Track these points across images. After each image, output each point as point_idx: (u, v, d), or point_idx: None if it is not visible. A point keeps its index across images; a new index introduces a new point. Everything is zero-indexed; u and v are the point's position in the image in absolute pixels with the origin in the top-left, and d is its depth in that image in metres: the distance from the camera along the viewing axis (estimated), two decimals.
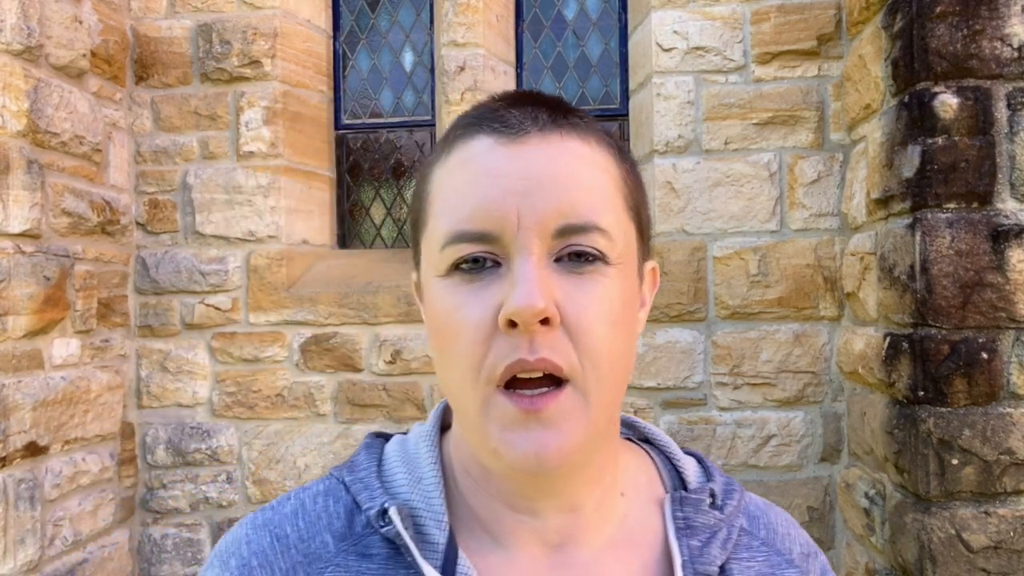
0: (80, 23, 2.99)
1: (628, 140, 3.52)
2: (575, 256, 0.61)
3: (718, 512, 0.70)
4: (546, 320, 0.58)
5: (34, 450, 2.70)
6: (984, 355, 2.24)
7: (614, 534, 0.68)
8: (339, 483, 0.70)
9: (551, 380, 0.59)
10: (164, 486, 3.34)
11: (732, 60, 3.13)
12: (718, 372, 3.13)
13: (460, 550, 0.63)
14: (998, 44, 2.27)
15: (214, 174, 3.35)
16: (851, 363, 2.89)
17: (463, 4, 3.41)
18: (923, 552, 2.25)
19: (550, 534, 0.66)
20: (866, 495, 2.73)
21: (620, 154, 0.68)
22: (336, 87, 3.70)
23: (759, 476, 3.10)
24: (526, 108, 0.64)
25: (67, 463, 2.89)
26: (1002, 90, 2.27)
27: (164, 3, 3.37)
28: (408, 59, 3.70)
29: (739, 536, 0.70)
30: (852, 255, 2.91)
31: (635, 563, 0.67)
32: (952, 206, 2.28)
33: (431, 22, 3.65)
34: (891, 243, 2.48)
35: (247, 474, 3.33)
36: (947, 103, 2.28)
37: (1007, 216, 2.26)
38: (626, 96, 3.54)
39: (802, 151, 3.11)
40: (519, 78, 3.64)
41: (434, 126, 3.65)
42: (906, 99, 2.38)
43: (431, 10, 3.65)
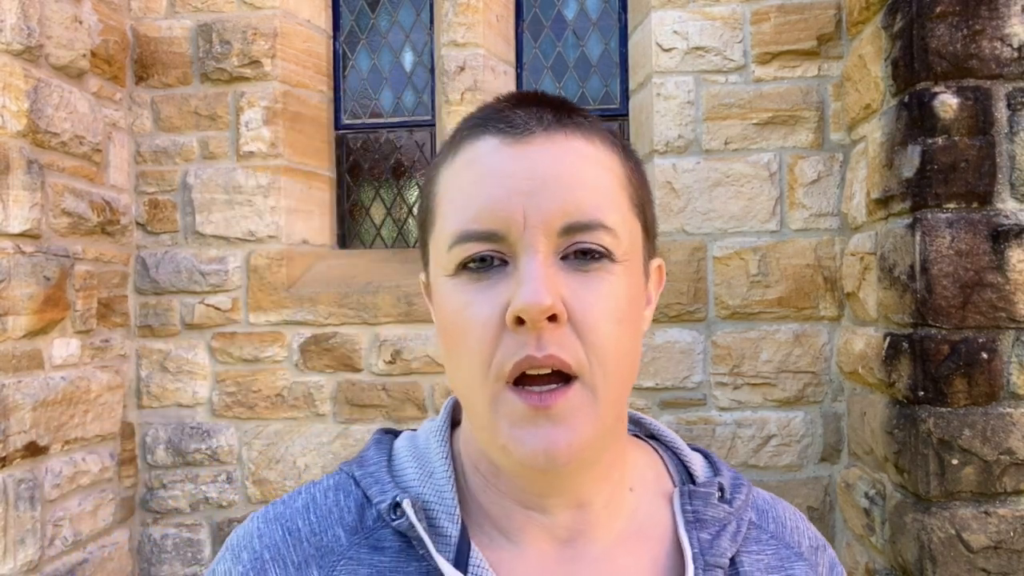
0: (80, 23, 2.99)
1: (628, 140, 3.52)
2: (581, 254, 0.61)
3: (727, 505, 0.70)
4: (553, 317, 0.58)
5: (34, 450, 2.70)
6: (984, 355, 2.24)
7: (624, 529, 0.68)
8: (349, 478, 0.70)
9: (559, 377, 0.60)
10: (164, 486, 3.34)
11: (732, 60, 3.13)
12: (718, 372, 3.12)
13: (473, 543, 0.64)
14: (998, 44, 2.27)
15: (214, 174, 3.35)
16: (851, 363, 2.89)
17: (463, 4, 3.41)
18: (923, 552, 2.25)
19: (560, 530, 0.67)
20: (866, 495, 2.73)
21: (624, 153, 0.68)
22: (336, 87, 3.70)
23: (759, 476, 3.10)
24: (531, 108, 0.65)
25: (67, 463, 2.89)
26: (1002, 90, 2.27)
27: (164, 3, 3.37)
28: (408, 59, 3.70)
29: (748, 529, 0.71)
30: (852, 255, 2.91)
31: (646, 557, 0.68)
32: (952, 206, 2.28)
33: (431, 22, 3.65)
34: (891, 243, 2.48)
35: (247, 474, 3.33)
36: (947, 103, 2.28)
37: (1007, 216, 2.26)
38: (626, 96, 3.54)
39: (802, 151, 3.11)
40: (519, 78, 3.64)
41: (434, 126, 3.65)
42: (906, 99, 2.38)
43: (431, 10, 3.65)
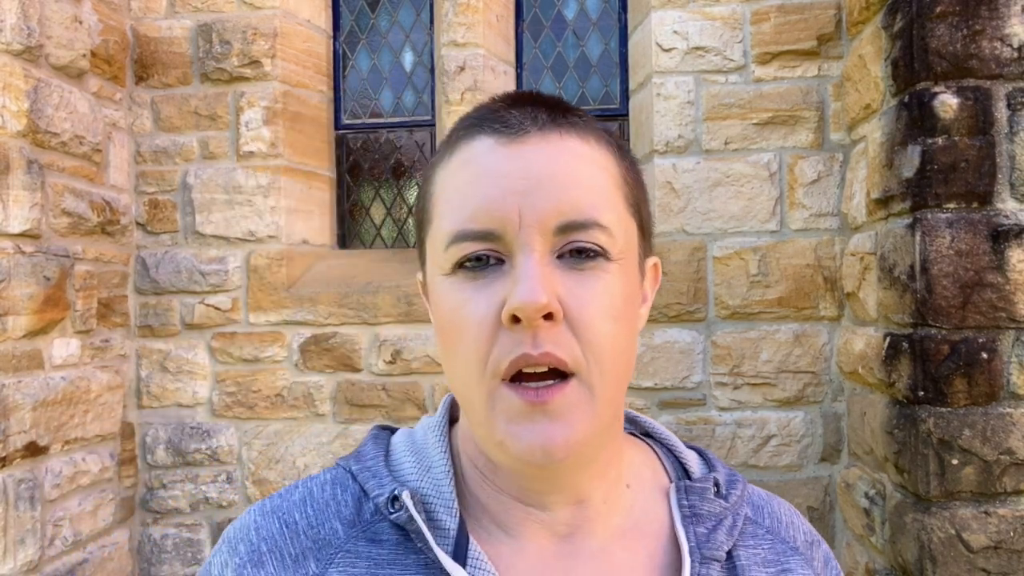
0: (80, 23, 2.99)
1: (628, 140, 3.52)
2: (576, 252, 0.61)
3: (723, 500, 0.71)
4: (549, 315, 0.59)
5: (34, 450, 2.70)
6: (984, 355, 2.24)
7: (621, 524, 0.69)
8: (346, 472, 0.71)
9: (555, 375, 0.60)
10: (164, 486, 3.34)
11: (732, 60, 3.13)
12: (718, 372, 3.12)
13: (471, 537, 0.64)
14: (998, 44, 2.27)
15: (214, 174, 3.35)
16: (851, 363, 2.89)
17: (463, 4, 3.41)
18: (923, 552, 2.25)
19: (558, 526, 0.67)
20: (866, 495, 2.73)
21: (620, 152, 0.68)
22: (336, 87, 3.70)
23: (759, 476, 3.10)
24: (526, 108, 0.65)
25: (67, 463, 2.89)
26: (1002, 90, 2.27)
27: (164, 3, 3.37)
28: (408, 59, 3.70)
29: (744, 524, 0.71)
30: (852, 255, 2.91)
31: (643, 551, 0.68)
32: (952, 206, 2.28)
33: (431, 22, 3.65)
34: (891, 243, 2.48)
35: (247, 474, 3.33)
36: (947, 103, 2.28)
37: (1007, 216, 2.26)
38: (626, 96, 3.54)
39: (802, 151, 3.11)
40: (519, 78, 3.64)
41: (434, 126, 3.65)
42: (906, 99, 2.38)
43: (431, 10, 3.65)
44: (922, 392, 2.28)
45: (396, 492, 0.65)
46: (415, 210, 0.73)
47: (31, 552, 2.67)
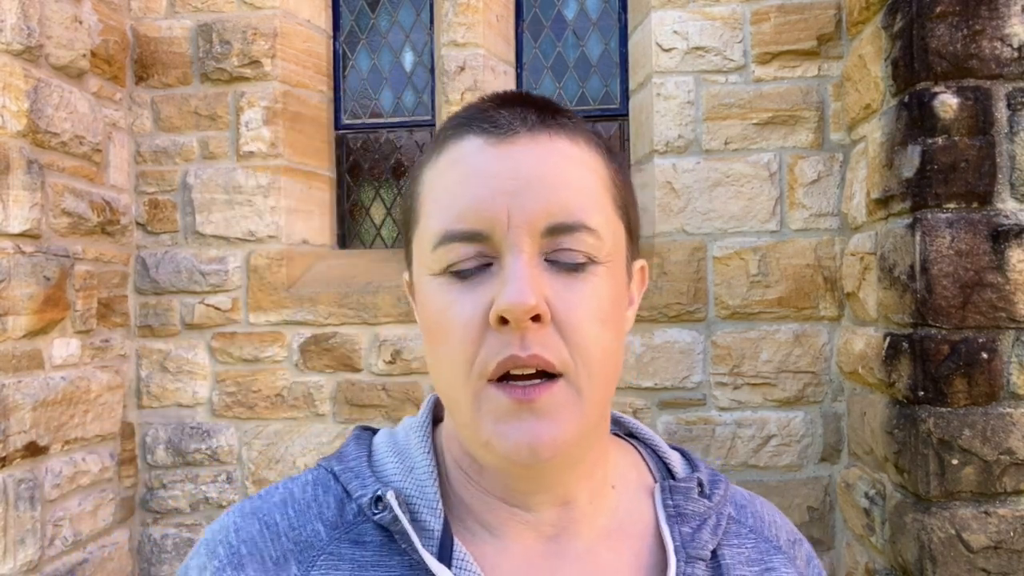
0: (80, 23, 2.99)
1: (628, 140, 3.52)
2: (565, 254, 0.61)
3: (707, 500, 0.71)
4: (537, 317, 0.58)
5: (34, 450, 2.70)
6: (984, 355, 2.24)
7: (607, 525, 0.69)
8: (328, 473, 0.70)
9: (543, 376, 0.60)
10: (164, 486, 3.34)
11: (732, 60, 3.13)
12: (718, 372, 3.12)
13: (456, 537, 0.64)
14: (998, 44, 2.27)
15: (214, 174, 3.35)
16: (851, 363, 2.89)
17: (463, 4, 3.41)
18: (923, 552, 2.25)
19: (544, 526, 0.67)
20: (866, 495, 2.73)
21: (608, 154, 0.68)
22: (336, 87, 3.70)
23: (759, 476, 3.10)
24: (515, 109, 0.65)
25: (67, 463, 2.89)
26: (1002, 90, 2.27)
27: (164, 3, 3.37)
28: (408, 59, 3.70)
29: (728, 524, 0.72)
30: (852, 255, 2.91)
31: (628, 551, 0.68)
32: (952, 206, 2.28)
33: (431, 22, 3.65)
34: (891, 243, 2.48)
35: (247, 474, 3.33)
36: (947, 103, 2.28)
37: (1007, 216, 2.26)
38: (626, 96, 3.54)
39: (802, 151, 3.11)
40: (519, 78, 3.63)
41: (434, 126, 3.65)
42: (906, 99, 2.38)
43: (431, 10, 3.65)
44: (922, 392, 2.28)
45: (379, 493, 0.64)
46: (402, 209, 0.72)
47: (31, 552, 2.67)
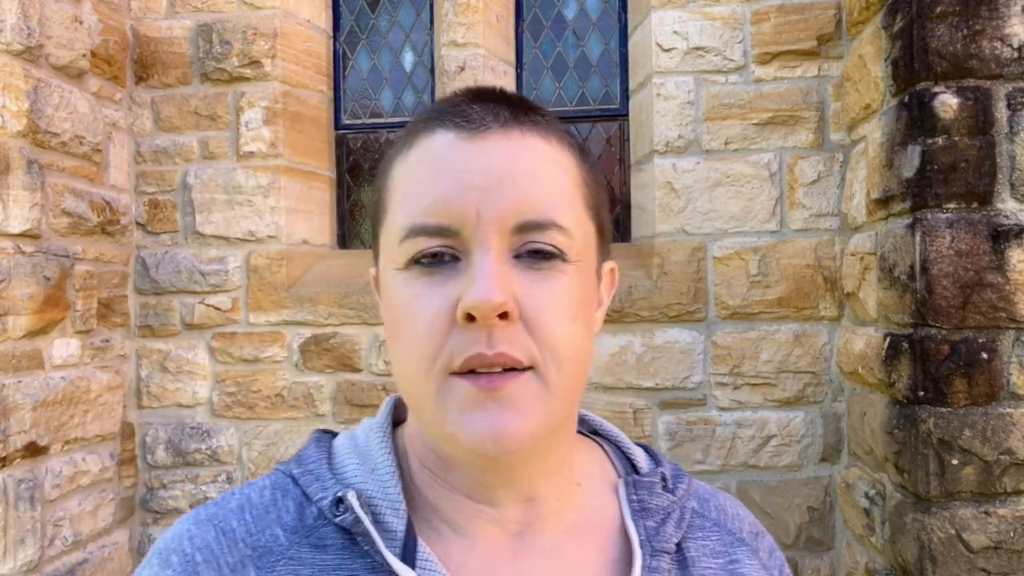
0: (80, 23, 2.99)
1: (628, 140, 3.52)
2: (534, 253, 0.61)
3: (670, 494, 0.72)
4: (505, 315, 0.58)
5: (34, 450, 2.70)
6: (984, 355, 2.24)
7: (573, 521, 0.69)
8: (287, 477, 0.68)
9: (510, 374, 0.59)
10: (164, 486, 3.34)
11: (732, 60, 3.13)
12: (718, 372, 3.12)
13: (419, 538, 0.63)
14: (998, 44, 2.27)
15: (214, 174, 3.35)
16: (851, 363, 2.89)
17: (463, 4, 3.41)
18: (923, 552, 2.25)
19: (510, 523, 0.66)
20: (866, 495, 2.73)
21: (581, 154, 0.68)
22: (336, 87, 3.70)
23: (759, 476, 3.10)
24: (488, 104, 0.64)
25: (67, 463, 2.89)
26: (1002, 90, 2.27)
27: (164, 3, 3.37)
28: (408, 59, 3.70)
29: (692, 517, 0.72)
30: (852, 255, 2.91)
31: (595, 546, 0.68)
32: (952, 206, 2.28)
33: (431, 22, 3.65)
34: (891, 243, 2.48)
35: (247, 474, 3.33)
36: (947, 103, 2.28)
37: (1007, 216, 2.26)
38: (626, 96, 3.54)
39: (802, 151, 3.11)
40: (519, 78, 3.63)
41: None
42: (906, 99, 2.38)
43: (431, 10, 3.65)
44: (922, 392, 2.28)
45: (340, 494, 0.63)
46: (370, 203, 0.71)
47: (31, 552, 2.67)
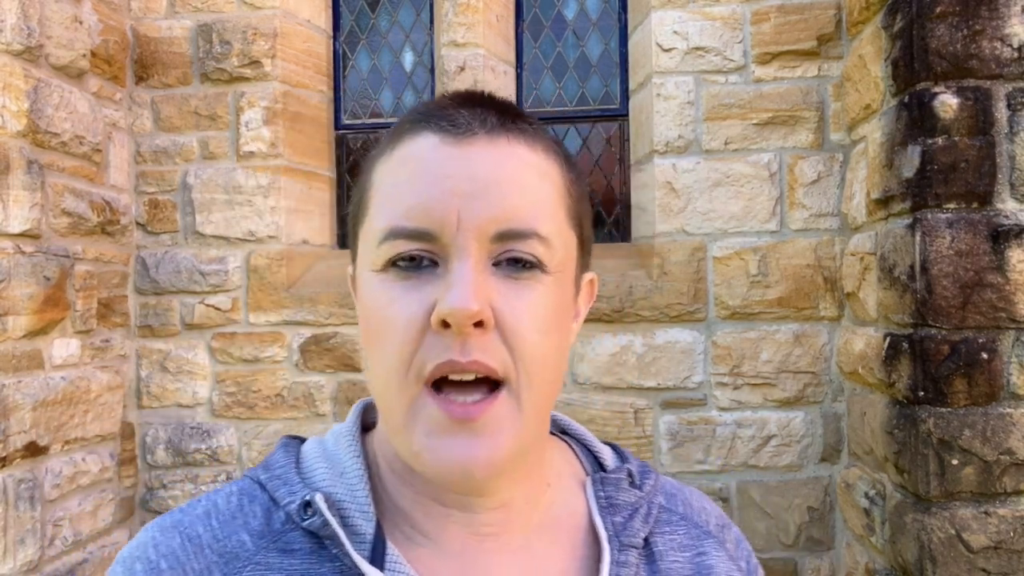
0: (80, 23, 2.99)
1: (628, 140, 3.52)
2: (513, 262, 0.60)
3: (637, 490, 0.72)
4: (480, 323, 0.57)
5: (34, 450, 2.70)
6: (984, 355, 2.24)
7: (542, 521, 0.69)
8: (254, 483, 0.68)
9: (483, 383, 0.59)
10: (164, 486, 3.34)
11: (732, 60, 3.13)
12: (718, 372, 3.12)
13: (388, 541, 0.63)
14: (998, 44, 2.27)
15: (214, 174, 3.35)
16: (851, 363, 2.89)
17: (463, 4, 3.41)
18: (923, 552, 2.25)
19: (480, 527, 0.66)
20: (866, 495, 2.73)
21: (567, 163, 0.67)
22: (336, 87, 3.70)
23: (759, 476, 3.10)
24: (475, 109, 0.64)
25: (67, 463, 2.89)
26: (1002, 90, 2.27)
27: (164, 3, 3.37)
28: (408, 59, 3.70)
29: (659, 513, 0.73)
30: (852, 255, 2.91)
31: (565, 543, 0.69)
32: (952, 206, 2.28)
33: (431, 22, 3.65)
34: (891, 243, 2.48)
35: None
36: (947, 103, 2.28)
37: (1007, 216, 2.26)
38: (626, 96, 3.54)
39: (802, 151, 3.11)
40: (519, 78, 3.63)
41: None
42: (906, 99, 2.38)
43: (431, 10, 3.65)
44: (922, 392, 2.28)
45: (308, 498, 0.63)
46: (351, 201, 0.70)
47: (31, 552, 2.67)
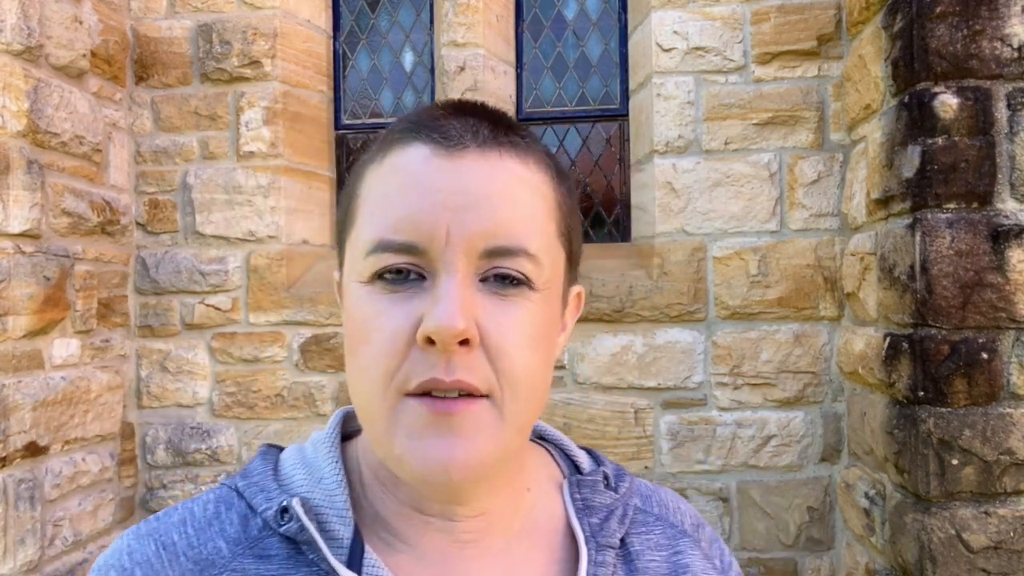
0: (80, 23, 2.99)
1: (628, 140, 3.52)
2: (500, 278, 0.60)
3: (613, 492, 0.73)
4: (465, 341, 0.57)
5: (34, 450, 2.70)
6: (984, 355, 2.24)
7: (522, 525, 0.70)
8: (231, 490, 0.68)
9: (466, 398, 0.59)
10: (164, 486, 3.34)
11: (732, 60, 3.13)
12: (718, 372, 3.12)
13: (367, 546, 0.63)
14: (998, 44, 2.27)
15: (214, 174, 3.35)
16: (851, 363, 2.89)
17: (463, 4, 3.41)
18: (923, 552, 2.25)
19: (460, 534, 0.66)
20: (866, 495, 2.73)
21: (558, 176, 0.67)
22: (336, 87, 3.70)
23: (759, 476, 3.10)
24: (468, 120, 0.63)
25: (67, 463, 2.89)
26: (1002, 90, 2.27)
27: (164, 3, 3.37)
28: (408, 59, 3.70)
29: (635, 514, 0.74)
30: (852, 255, 2.91)
31: (543, 546, 0.69)
32: (952, 206, 2.28)
33: (431, 22, 3.65)
34: (891, 243, 2.48)
35: None
36: (947, 103, 2.28)
37: (1007, 216, 2.26)
38: (626, 96, 3.54)
39: (802, 151, 3.11)
40: (519, 78, 3.63)
41: None
42: (906, 99, 2.38)
43: (431, 10, 3.65)
44: (922, 392, 2.28)
45: (285, 503, 0.63)
46: (339, 207, 0.70)
47: (31, 552, 2.67)
